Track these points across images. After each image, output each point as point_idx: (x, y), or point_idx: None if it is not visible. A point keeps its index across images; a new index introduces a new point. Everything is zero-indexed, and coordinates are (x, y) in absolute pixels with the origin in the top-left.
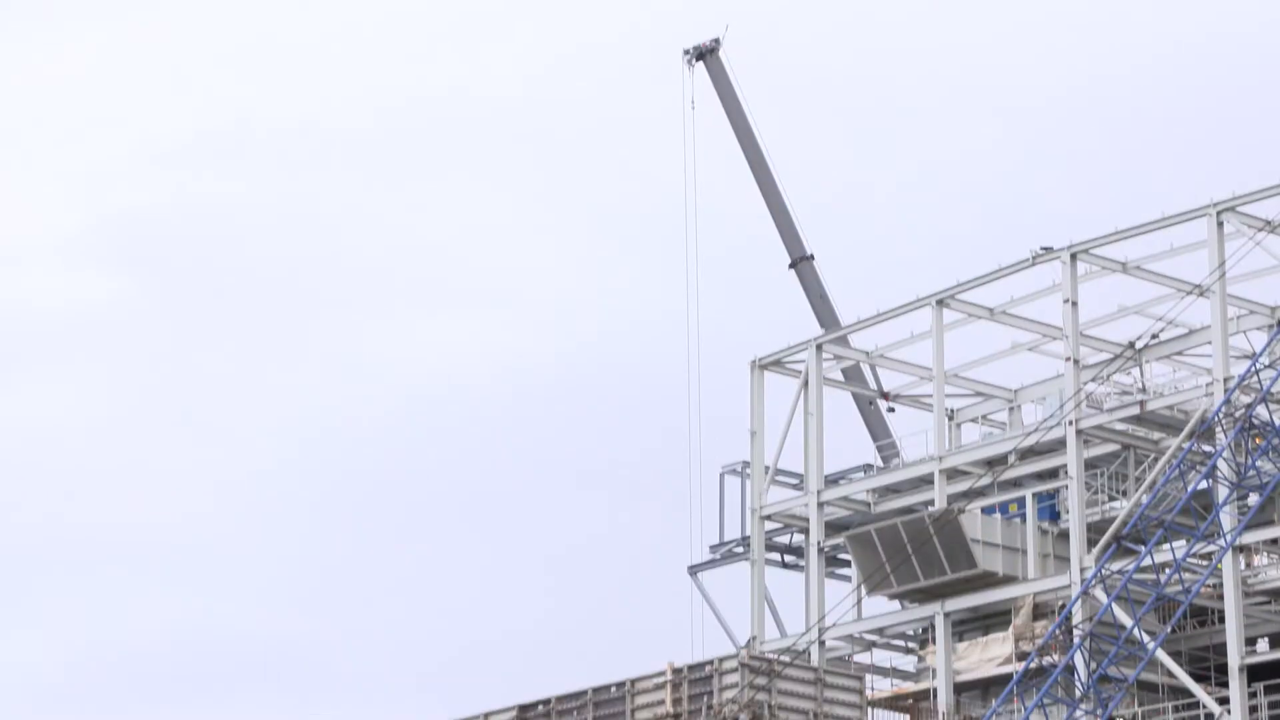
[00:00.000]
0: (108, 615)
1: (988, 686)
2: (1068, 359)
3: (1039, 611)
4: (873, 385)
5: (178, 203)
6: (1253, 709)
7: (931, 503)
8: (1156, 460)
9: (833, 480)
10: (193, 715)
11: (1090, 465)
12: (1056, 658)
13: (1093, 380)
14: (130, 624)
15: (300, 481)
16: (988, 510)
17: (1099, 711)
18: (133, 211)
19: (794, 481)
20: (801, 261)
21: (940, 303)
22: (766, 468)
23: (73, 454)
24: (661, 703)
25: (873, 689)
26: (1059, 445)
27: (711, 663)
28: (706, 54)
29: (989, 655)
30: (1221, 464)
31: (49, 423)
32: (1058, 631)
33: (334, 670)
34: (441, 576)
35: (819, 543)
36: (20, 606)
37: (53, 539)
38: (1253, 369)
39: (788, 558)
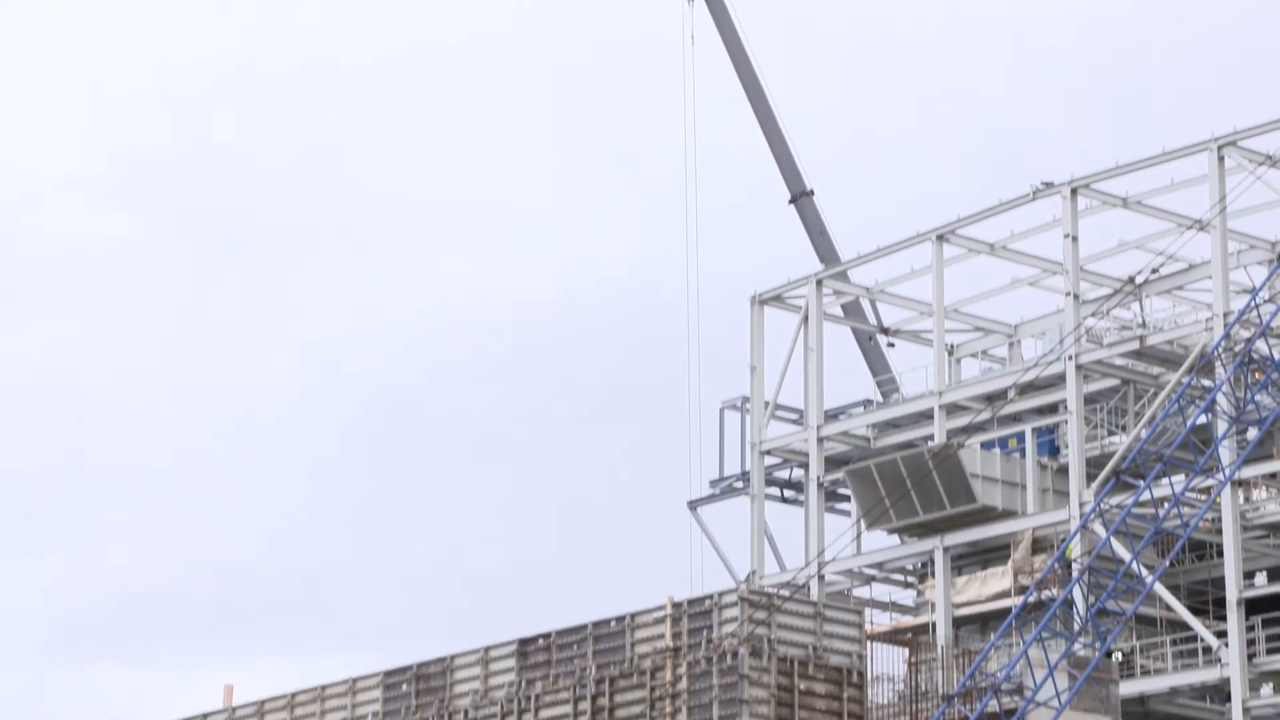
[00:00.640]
0: (118, 548)
1: (986, 620)
2: (1068, 294)
3: (1038, 546)
4: (873, 320)
5: (194, 142)
6: (1250, 642)
7: (931, 438)
8: (1156, 395)
9: (832, 415)
10: (201, 648)
11: (1089, 400)
12: (1055, 591)
13: (1092, 315)
14: (139, 557)
15: (309, 418)
16: (987, 445)
17: (1097, 644)
18: (149, 151)
19: (794, 417)
20: (801, 197)
21: (940, 238)
22: (766, 403)
23: (87, 390)
24: (661, 637)
25: (872, 623)
26: (1058, 380)
27: (711, 597)
28: None
29: (988, 589)
30: (1221, 398)
31: (65, 358)
32: (1056, 565)
33: (338, 605)
34: (443, 513)
35: (818, 478)
36: (31, 539)
37: (67, 472)
38: (1252, 303)
39: (787, 493)
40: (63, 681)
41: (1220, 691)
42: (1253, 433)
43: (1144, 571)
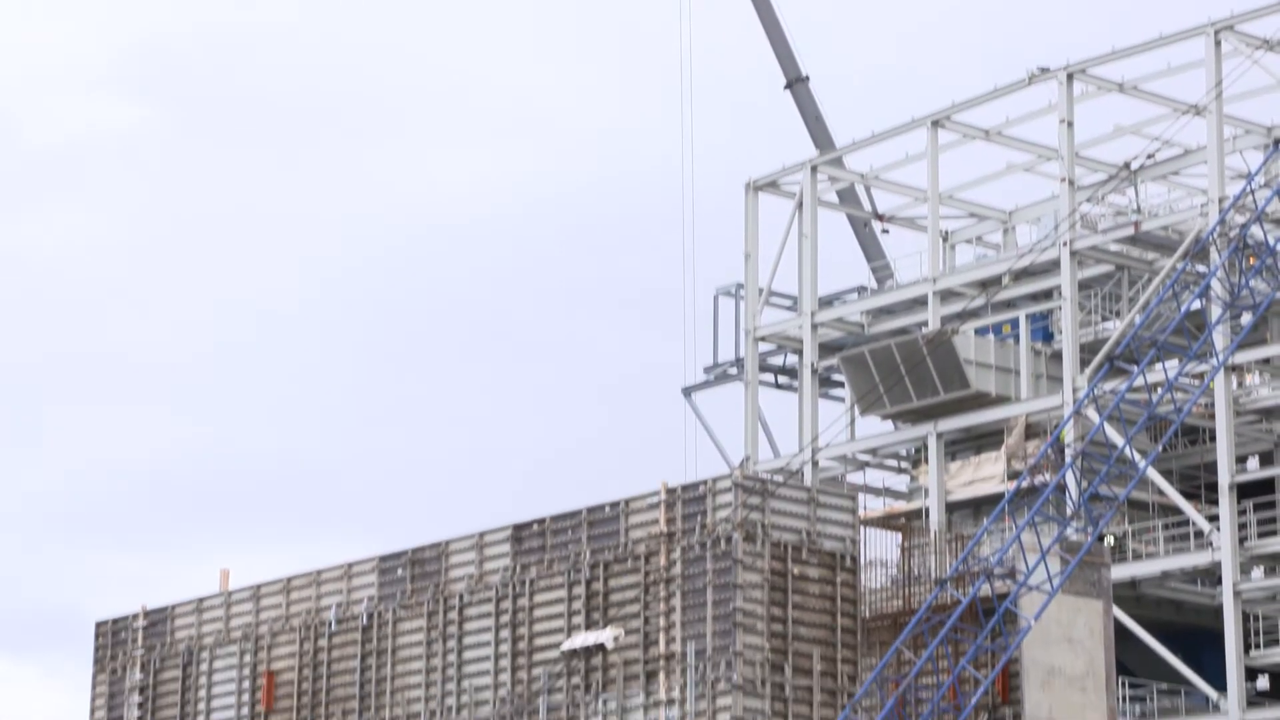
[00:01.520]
0: (120, 437)
1: (979, 505)
2: (1063, 180)
3: (1031, 431)
4: (867, 207)
5: (198, 30)
6: (1242, 526)
7: (925, 324)
8: (1150, 280)
9: (827, 302)
10: (199, 534)
11: (1084, 286)
12: (1048, 477)
13: (1087, 201)
14: (141, 445)
15: (311, 307)
16: (981, 331)
17: (1089, 529)
18: (153, 39)
19: (788, 303)
20: (797, 83)
21: (935, 124)
22: (761, 290)
23: (91, 279)
24: (655, 522)
25: (865, 508)
26: (1053, 266)
27: (705, 483)
28: None
29: (981, 475)
30: (1215, 284)
31: (70, 249)
32: (1049, 451)
33: (339, 491)
34: (440, 401)
35: (812, 364)
36: (35, 427)
37: (72, 361)
38: (1248, 189)
39: (781, 379)
40: (62, 566)
41: (1211, 575)
42: (1246, 318)
43: (1136, 456)
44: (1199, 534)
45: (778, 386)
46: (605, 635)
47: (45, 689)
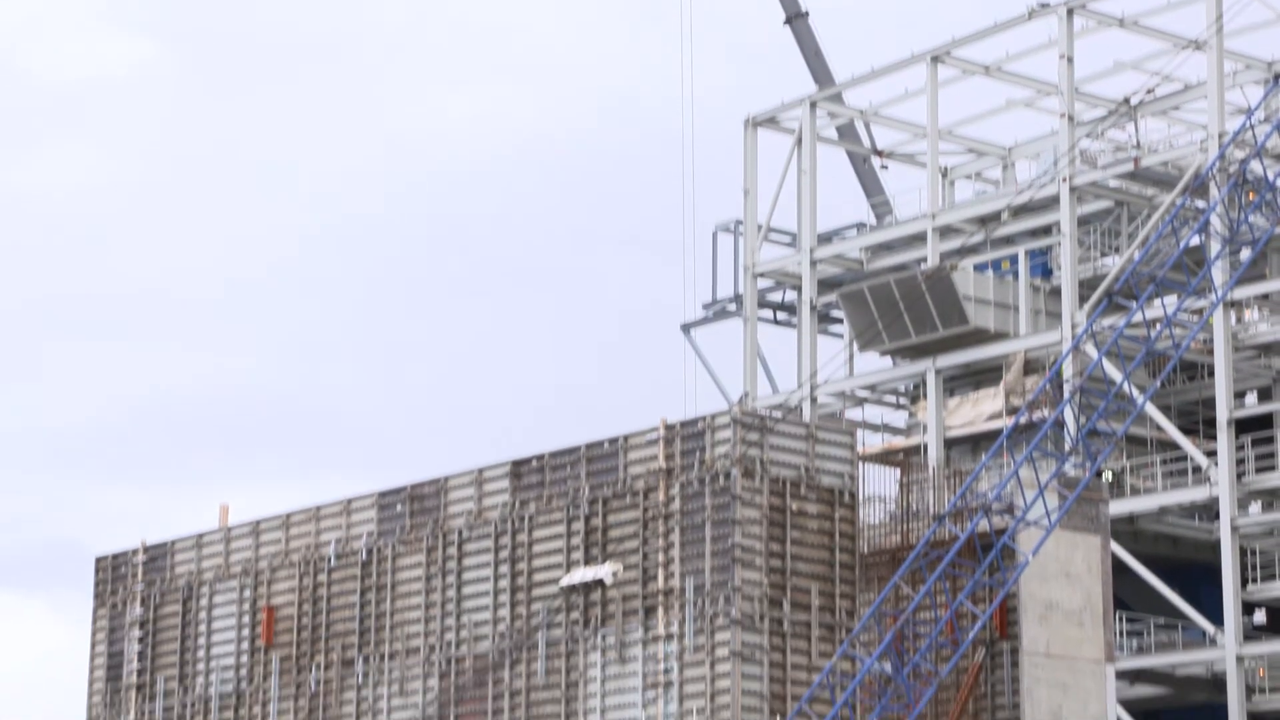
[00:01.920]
0: (120, 373)
1: (978, 441)
2: (1062, 116)
3: (1030, 367)
4: (867, 143)
5: None
6: (1239, 461)
7: (924, 260)
8: (1149, 216)
9: (826, 238)
10: (209, 471)
11: (1083, 222)
12: (1046, 412)
13: (1087, 137)
14: (146, 381)
15: (313, 245)
16: (980, 267)
17: (1088, 464)
18: None
19: (787, 240)
20: (796, 18)
21: (935, 59)
22: (760, 226)
23: (96, 216)
24: (654, 458)
25: (864, 444)
26: (1052, 202)
27: (704, 419)
28: None
29: (979, 411)
30: (1214, 219)
31: (75, 186)
32: (1048, 387)
33: (339, 428)
34: (440, 339)
35: (811, 300)
36: (37, 363)
37: (75, 298)
38: (1247, 124)
39: (780, 315)
40: (63, 501)
41: (1209, 510)
42: (1246, 253)
43: (1135, 392)
44: (1197, 469)
45: (776, 323)
46: (604, 571)
47: (53, 624)
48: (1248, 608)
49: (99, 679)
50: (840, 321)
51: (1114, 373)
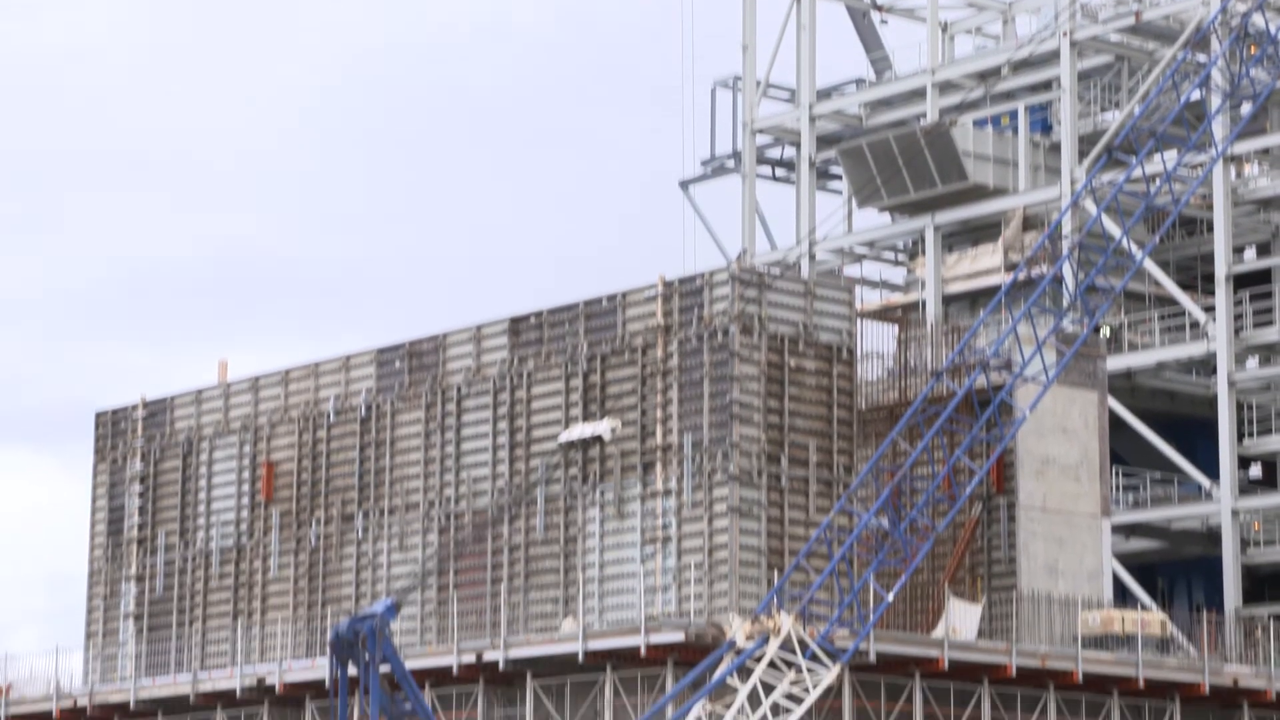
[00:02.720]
0: (121, 229)
1: (976, 297)
2: None
3: (1029, 223)
4: None
5: None
6: (1237, 316)
7: (924, 115)
8: (1150, 71)
9: (825, 94)
10: (215, 326)
11: (1083, 76)
12: (1044, 268)
13: None
14: (143, 238)
15: (317, 107)
16: (979, 123)
17: (1085, 320)
18: None
19: (786, 95)
20: None
21: None
22: (758, 82)
23: (102, 77)
24: (652, 315)
25: (862, 301)
26: (1052, 57)
27: (702, 276)
28: None
29: (978, 267)
30: (1215, 73)
31: (80, 48)
32: (1046, 243)
33: (338, 288)
34: (438, 197)
35: (810, 156)
36: (38, 219)
37: (79, 155)
38: None
39: (779, 172)
40: (64, 357)
41: (1206, 365)
42: (1246, 107)
43: (1133, 248)
44: (1195, 325)
45: (775, 179)
46: (602, 427)
47: (64, 481)
48: (1243, 462)
49: (100, 533)
50: (839, 178)
51: (1113, 228)
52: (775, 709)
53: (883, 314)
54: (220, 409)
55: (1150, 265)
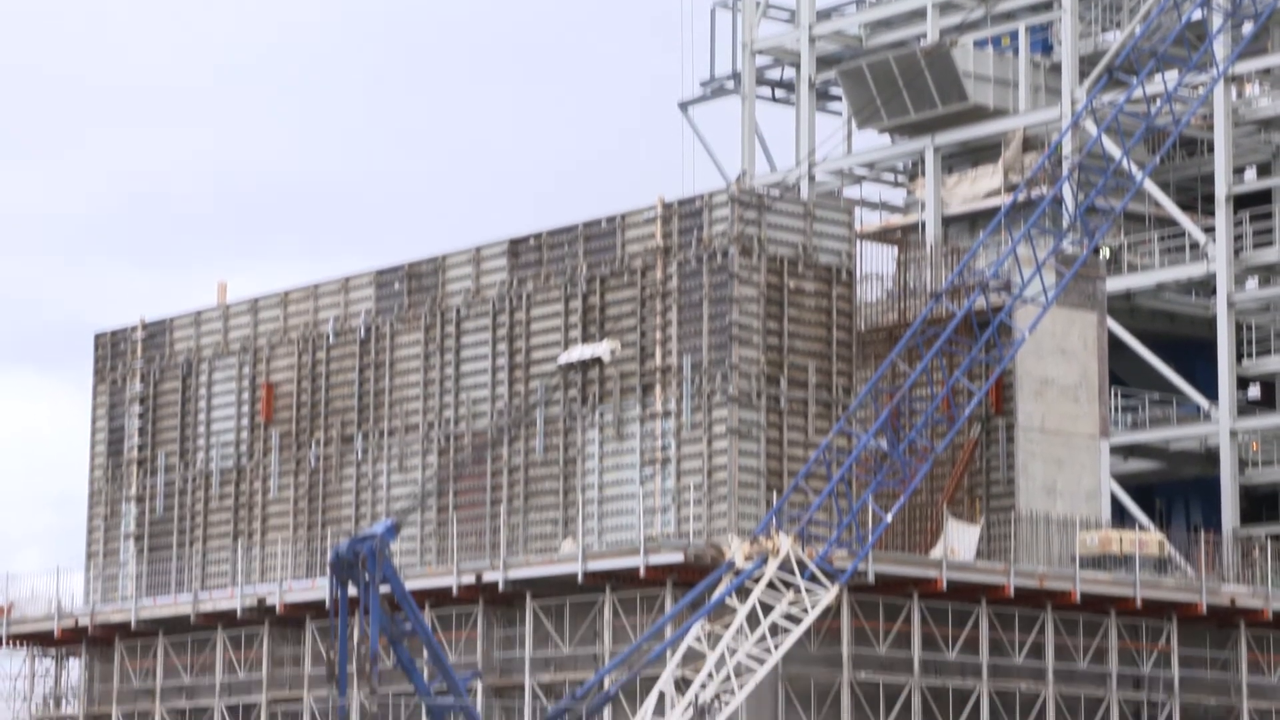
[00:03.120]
0: (123, 151)
1: (975, 219)
2: None
3: (1029, 144)
4: None
5: None
6: (1237, 237)
7: (924, 36)
8: None
9: (825, 14)
10: (214, 247)
11: None
12: (1045, 189)
13: None
14: (142, 161)
15: (318, 25)
16: (980, 43)
17: (1085, 241)
18: None
19: (786, 16)
20: None
21: None
22: (758, 2)
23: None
24: (652, 237)
25: (861, 222)
26: None
27: (701, 197)
28: None
29: (978, 188)
30: None
31: None
32: (1046, 163)
33: (341, 208)
34: (437, 119)
35: (810, 77)
36: (39, 142)
37: (78, 82)
38: None
39: (778, 93)
40: (64, 279)
41: (1206, 286)
42: (1248, 27)
43: (1134, 168)
44: (1194, 245)
45: (775, 100)
46: (602, 349)
47: (67, 403)
48: (1242, 383)
49: (100, 454)
50: (839, 99)
51: (1113, 149)
52: (774, 629)
53: (882, 235)
54: (219, 330)
55: (1150, 186)
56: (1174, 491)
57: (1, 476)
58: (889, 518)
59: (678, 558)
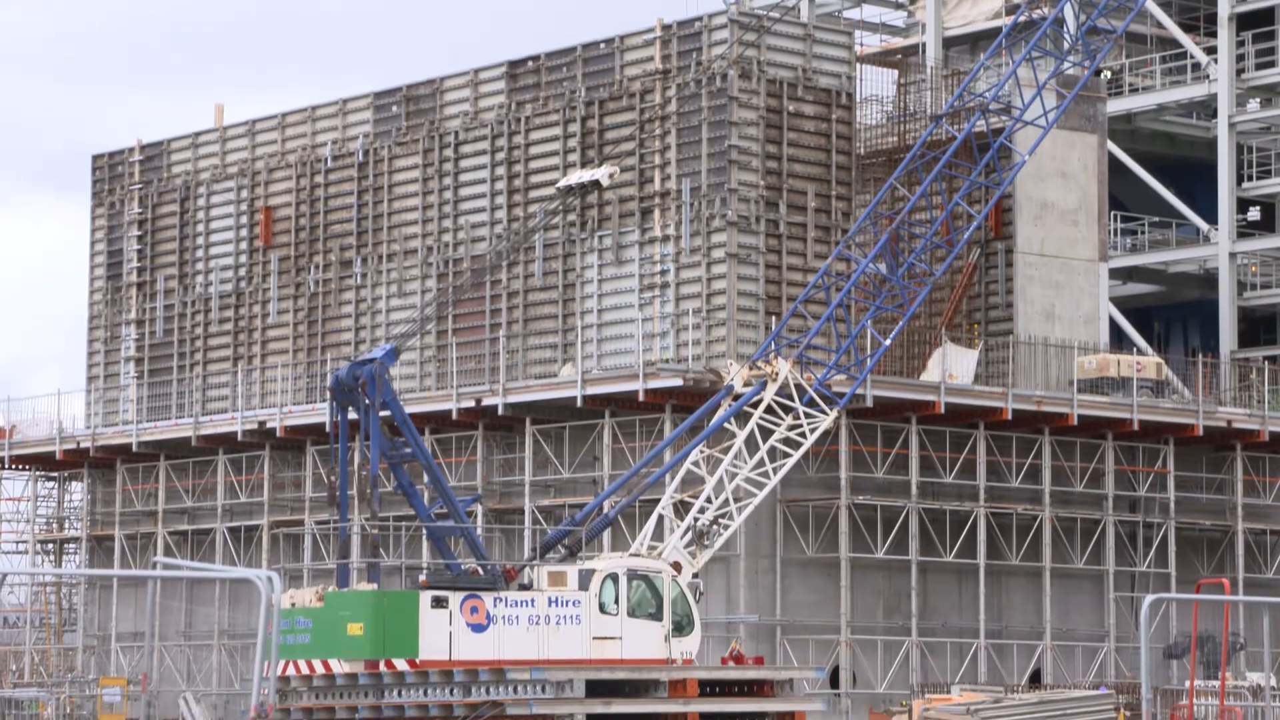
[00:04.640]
0: None
1: (976, 40)
2: None
3: None
4: None
5: None
6: (1240, 58)
7: None
8: None
9: None
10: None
11: None
12: (1046, 10)
13: None
14: None
15: None
16: None
17: (1086, 63)
18: None
19: None
20: None
21: None
22: None
23: None
24: (651, 59)
25: (861, 45)
26: None
27: (700, 19)
28: None
29: (979, 9)
30: None
31: None
32: None
33: (340, 33)
34: None
35: None
36: None
37: None
38: None
39: None
40: (63, 102)
41: (1207, 108)
42: None
43: None
44: (1196, 66)
45: None
46: (601, 172)
47: (68, 226)
48: (1242, 205)
49: (99, 277)
50: None
51: None
52: (772, 453)
53: (882, 58)
54: (217, 153)
55: (1152, 6)
56: (1172, 314)
57: (9, 300)
58: (888, 342)
59: (677, 382)
